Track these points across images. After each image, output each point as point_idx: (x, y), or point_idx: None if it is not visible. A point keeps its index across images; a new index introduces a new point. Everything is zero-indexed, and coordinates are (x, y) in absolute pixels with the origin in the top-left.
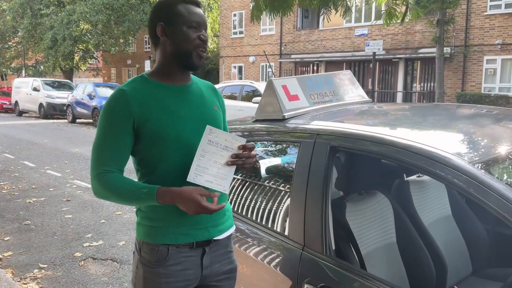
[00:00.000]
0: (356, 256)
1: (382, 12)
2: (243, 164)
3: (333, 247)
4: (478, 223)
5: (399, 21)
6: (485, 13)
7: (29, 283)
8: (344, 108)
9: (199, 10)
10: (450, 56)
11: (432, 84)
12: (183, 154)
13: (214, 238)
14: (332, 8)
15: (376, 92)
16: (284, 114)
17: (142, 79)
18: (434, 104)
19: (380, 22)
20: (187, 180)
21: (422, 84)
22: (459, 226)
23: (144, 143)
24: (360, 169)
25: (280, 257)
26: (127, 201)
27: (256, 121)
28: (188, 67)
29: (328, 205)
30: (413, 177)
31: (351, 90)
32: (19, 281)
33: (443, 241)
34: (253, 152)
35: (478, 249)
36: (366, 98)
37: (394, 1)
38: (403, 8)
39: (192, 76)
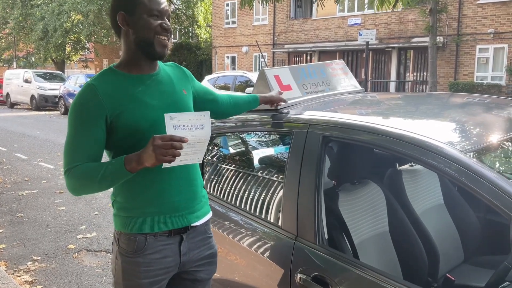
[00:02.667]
0: (349, 245)
1: None
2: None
3: (326, 237)
4: (470, 212)
5: (391, 7)
6: (478, 2)
7: (22, 275)
8: (336, 98)
9: None
10: (443, 45)
11: (425, 74)
12: None
13: (191, 225)
14: None
15: (369, 82)
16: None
17: (111, 72)
18: (426, 94)
19: (373, 11)
20: (162, 167)
21: (415, 74)
22: (451, 215)
23: (118, 136)
24: (353, 158)
25: (273, 247)
26: (99, 182)
27: (249, 111)
28: (151, 56)
29: (321, 195)
30: (406, 166)
31: (344, 80)
32: (13, 274)
33: (435, 229)
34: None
35: (470, 237)
36: (359, 87)
37: None
38: None
39: (158, 62)
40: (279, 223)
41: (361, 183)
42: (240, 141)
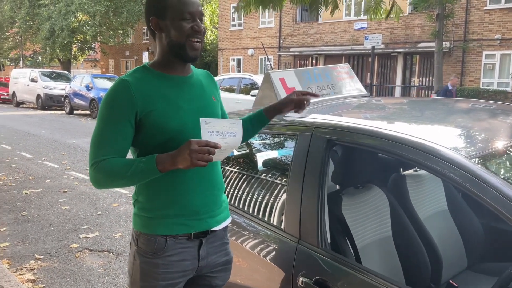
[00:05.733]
0: (351, 250)
1: (371, 6)
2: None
3: (329, 241)
4: (474, 218)
5: (383, 17)
6: (485, 8)
7: (25, 274)
8: (341, 101)
9: None
10: (449, 50)
11: (430, 79)
12: None
13: (211, 229)
14: (322, 5)
15: (374, 86)
16: None
17: (144, 69)
18: (431, 99)
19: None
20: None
21: (420, 79)
22: (455, 221)
23: (145, 134)
24: (357, 162)
25: (276, 250)
26: (128, 178)
27: None
28: (183, 59)
29: (324, 198)
30: (410, 171)
31: (349, 84)
32: (15, 272)
33: (439, 235)
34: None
35: (474, 243)
36: (364, 91)
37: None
38: (389, 6)
39: (192, 66)
40: (282, 226)
41: (365, 187)
42: (244, 143)
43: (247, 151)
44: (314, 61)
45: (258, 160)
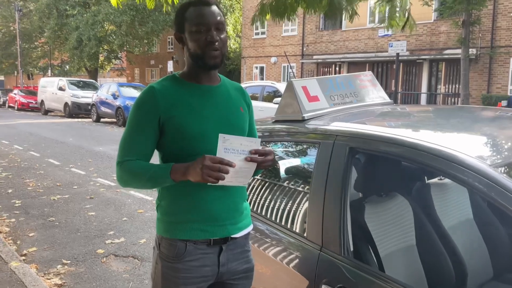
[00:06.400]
0: (374, 258)
1: (385, 17)
2: (261, 163)
3: (351, 248)
4: (499, 227)
5: (399, 29)
6: None
7: (52, 278)
8: (364, 109)
9: (209, 10)
10: (475, 57)
11: (457, 86)
12: (204, 152)
13: (231, 236)
14: (340, 13)
15: (399, 94)
16: (303, 115)
17: (173, 78)
18: (457, 106)
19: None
20: (208, 183)
21: (446, 86)
22: (480, 230)
23: (168, 138)
24: (380, 171)
25: (298, 258)
26: (146, 181)
27: (276, 121)
28: (203, 68)
29: (347, 206)
30: (435, 180)
31: (372, 92)
32: (43, 276)
33: (464, 244)
34: (268, 157)
35: (500, 253)
36: (388, 99)
37: (394, 10)
38: (405, 18)
39: (222, 77)
40: (305, 234)
41: (388, 195)
42: None
43: None
44: (337, 69)
45: (280, 168)
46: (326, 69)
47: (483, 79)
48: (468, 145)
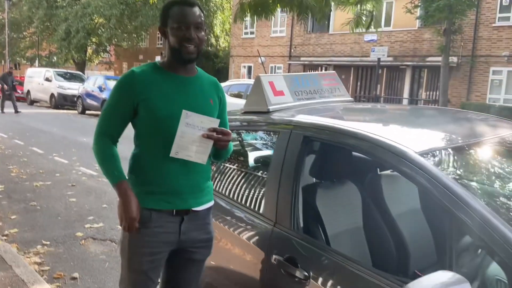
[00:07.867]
0: (322, 234)
1: (351, 19)
2: (217, 141)
3: (301, 225)
4: (443, 216)
5: (364, 29)
6: (494, 25)
7: (32, 257)
8: (325, 105)
9: (190, 10)
10: (457, 65)
11: (437, 93)
12: (170, 134)
13: (192, 209)
14: (308, 14)
15: (382, 98)
16: (268, 107)
17: (154, 66)
18: (411, 106)
19: (389, 29)
20: (169, 155)
21: (428, 92)
22: (427, 219)
23: (140, 119)
24: (333, 159)
25: (254, 232)
26: (101, 167)
27: (245, 113)
28: (180, 61)
29: (299, 188)
30: (387, 172)
31: (335, 90)
32: (23, 255)
33: (409, 230)
34: (224, 137)
35: (443, 240)
36: (349, 97)
37: (361, 12)
38: (369, 18)
39: (199, 70)
40: (261, 211)
41: (340, 182)
42: (238, 141)
43: (240, 147)
44: (323, 71)
45: (245, 154)
46: (312, 71)
47: (463, 87)
48: (401, 136)
